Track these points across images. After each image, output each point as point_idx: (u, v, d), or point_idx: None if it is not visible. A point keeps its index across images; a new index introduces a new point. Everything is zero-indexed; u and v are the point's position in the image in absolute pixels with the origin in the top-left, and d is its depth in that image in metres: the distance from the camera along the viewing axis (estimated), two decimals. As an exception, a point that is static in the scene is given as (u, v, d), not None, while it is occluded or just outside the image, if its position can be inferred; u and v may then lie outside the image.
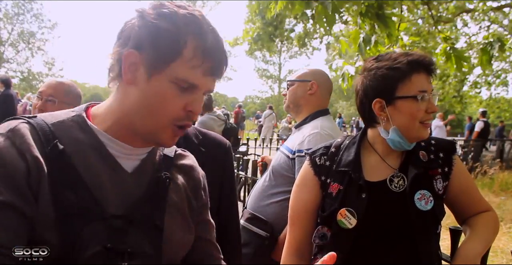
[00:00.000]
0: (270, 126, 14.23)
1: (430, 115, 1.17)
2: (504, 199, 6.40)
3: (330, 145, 1.29)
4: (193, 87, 0.76)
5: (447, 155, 1.24)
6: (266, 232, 1.66)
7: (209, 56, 0.75)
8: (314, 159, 1.27)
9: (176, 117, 0.77)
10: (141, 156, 0.84)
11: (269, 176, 1.78)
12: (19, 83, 24.34)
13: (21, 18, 25.38)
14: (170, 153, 0.91)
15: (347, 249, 1.15)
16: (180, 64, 0.74)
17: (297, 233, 1.28)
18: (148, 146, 0.85)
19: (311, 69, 1.91)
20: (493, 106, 15.64)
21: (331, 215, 1.17)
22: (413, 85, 1.14)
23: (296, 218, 1.29)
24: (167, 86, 0.74)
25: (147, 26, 0.74)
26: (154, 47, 0.74)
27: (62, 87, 1.78)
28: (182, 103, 0.76)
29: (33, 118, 0.75)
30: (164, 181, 0.83)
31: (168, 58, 0.73)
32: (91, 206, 0.71)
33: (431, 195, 1.15)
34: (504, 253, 3.66)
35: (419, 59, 1.15)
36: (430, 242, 1.16)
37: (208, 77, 0.77)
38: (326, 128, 1.71)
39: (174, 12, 0.74)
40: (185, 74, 0.74)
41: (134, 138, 0.81)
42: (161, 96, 0.75)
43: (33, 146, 0.70)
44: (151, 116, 0.77)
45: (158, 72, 0.74)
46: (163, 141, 0.80)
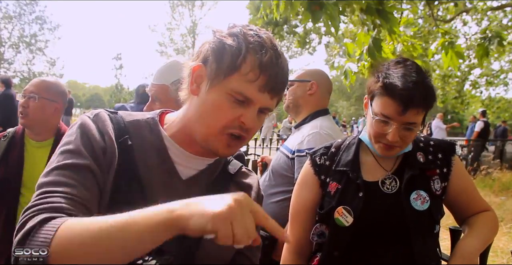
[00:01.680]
0: (270, 126, 14.24)
1: (388, 140, 1.12)
2: (504, 199, 6.40)
3: (331, 145, 1.31)
4: (248, 101, 0.79)
5: (446, 156, 1.24)
6: (266, 232, 1.66)
7: (265, 72, 0.78)
8: (315, 159, 1.29)
9: (227, 124, 0.79)
10: (200, 167, 0.88)
11: (269, 176, 1.79)
12: (19, 83, 24.34)
13: (22, 19, 25.39)
14: (232, 169, 0.95)
15: (343, 246, 1.16)
16: (237, 77, 0.78)
17: (297, 231, 1.30)
18: (208, 157, 0.88)
19: (311, 69, 1.91)
20: (493, 106, 15.65)
21: (329, 213, 1.19)
22: (379, 106, 1.12)
23: (296, 216, 1.30)
24: (223, 97, 0.79)
25: (215, 42, 0.81)
26: (217, 60, 0.80)
27: (44, 84, 1.82)
28: (236, 114, 0.79)
29: (114, 113, 0.86)
30: (215, 192, 0.85)
31: (227, 71, 0.78)
32: (139, 200, 0.74)
33: (428, 195, 1.15)
34: (504, 253, 3.66)
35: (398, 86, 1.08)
36: (426, 241, 1.16)
37: (264, 93, 0.79)
38: (326, 128, 1.72)
39: (242, 31, 0.80)
40: (240, 87, 0.78)
41: (195, 146, 0.85)
42: (216, 105, 0.79)
43: (111, 133, 0.80)
44: (205, 123, 0.81)
45: (217, 83, 0.79)
46: (216, 149, 0.82)
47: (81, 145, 0.75)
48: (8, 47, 25.19)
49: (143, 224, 0.60)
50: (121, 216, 0.62)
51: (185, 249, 0.77)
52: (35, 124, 1.78)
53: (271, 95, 0.81)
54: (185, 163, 0.86)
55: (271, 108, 0.84)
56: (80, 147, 0.75)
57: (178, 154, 0.85)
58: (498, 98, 16.19)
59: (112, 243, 0.60)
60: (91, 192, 0.72)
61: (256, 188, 0.98)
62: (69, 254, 0.60)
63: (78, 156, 0.74)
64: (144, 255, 0.70)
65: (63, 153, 0.75)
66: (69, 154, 0.74)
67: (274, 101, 0.83)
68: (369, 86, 1.19)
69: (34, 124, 1.78)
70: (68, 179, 0.70)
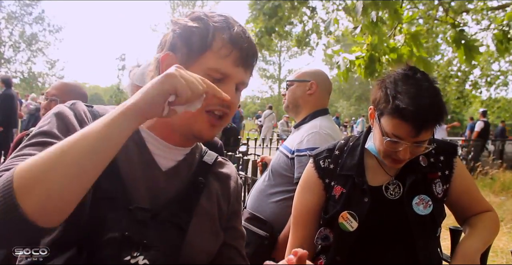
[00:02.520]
0: (270, 126, 14.24)
1: (398, 156, 1.12)
2: (504, 199, 6.40)
3: (334, 148, 1.29)
4: (225, 76, 0.80)
5: (448, 157, 1.23)
6: (266, 232, 1.66)
7: (236, 46, 0.80)
8: (318, 162, 1.27)
9: (206, 103, 0.77)
10: (178, 157, 0.87)
11: (269, 176, 1.79)
12: (19, 83, 24.34)
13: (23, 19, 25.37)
14: (209, 160, 0.94)
15: (347, 251, 1.15)
16: (211, 55, 0.79)
17: (300, 234, 1.28)
18: (187, 146, 0.88)
19: (311, 69, 1.91)
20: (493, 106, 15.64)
21: (333, 217, 1.18)
22: (390, 126, 1.09)
23: (299, 219, 1.29)
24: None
25: (180, 29, 0.81)
26: (186, 44, 0.80)
27: (65, 87, 1.93)
28: None
29: (90, 107, 0.83)
30: (197, 186, 0.86)
31: (199, 51, 0.79)
32: (120, 195, 0.74)
33: (430, 200, 1.15)
34: (504, 253, 3.66)
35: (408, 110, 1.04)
36: (429, 245, 1.16)
37: (239, 67, 0.81)
38: (325, 128, 1.72)
39: (203, 14, 0.82)
40: (216, 64, 0.79)
41: (173, 136, 0.84)
42: None
43: (88, 122, 0.77)
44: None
45: (191, 65, 0.79)
46: (198, 132, 0.81)
47: (56, 128, 0.73)
48: (9, 47, 25.19)
49: (100, 124, 0.61)
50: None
51: (170, 242, 0.76)
52: None
53: (244, 69, 0.82)
54: (164, 154, 0.85)
55: (246, 82, 0.85)
56: (54, 130, 0.72)
57: (157, 145, 0.84)
58: (498, 98, 16.18)
59: (74, 153, 0.58)
60: None
61: (234, 177, 0.99)
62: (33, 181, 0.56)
63: (52, 137, 0.71)
64: (131, 251, 0.69)
65: (35, 135, 0.72)
66: (42, 135, 0.71)
67: (247, 75, 0.84)
68: (377, 100, 1.14)
69: None
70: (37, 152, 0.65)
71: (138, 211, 0.74)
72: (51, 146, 0.59)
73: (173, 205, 0.80)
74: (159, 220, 0.76)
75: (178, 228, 0.79)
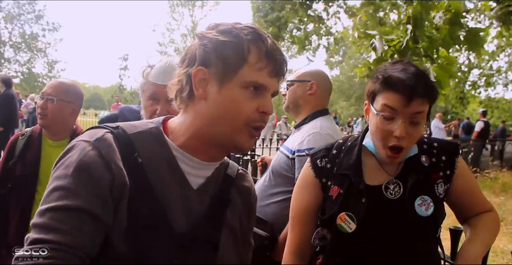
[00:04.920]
0: (270, 126, 14.22)
1: (395, 139, 1.10)
2: (504, 199, 6.40)
3: (332, 147, 1.28)
4: (262, 88, 0.81)
5: (450, 157, 1.23)
6: (266, 232, 1.66)
7: (271, 58, 0.81)
8: (315, 161, 1.27)
9: (251, 118, 0.80)
10: (207, 173, 0.87)
11: (269, 176, 1.78)
12: (20, 83, 24.32)
13: (22, 19, 25.36)
14: (232, 173, 0.94)
15: (346, 253, 1.15)
16: (247, 69, 0.79)
17: (298, 233, 1.28)
18: (218, 160, 0.88)
19: (311, 69, 1.91)
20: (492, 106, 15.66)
21: (331, 218, 1.17)
22: (382, 101, 1.11)
23: (297, 219, 1.29)
24: (239, 91, 0.79)
25: (211, 43, 0.80)
26: (221, 59, 0.79)
27: (62, 86, 1.89)
28: (255, 105, 0.80)
29: (116, 128, 0.80)
30: (224, 201, 0.87)
31: (236, 66, 0.79)
32: (161, 220, 0.75)
33: (432, 201, 1.14)
34: (504, 253, 3.66)
35: (399, 77, 1.09)
36: (430, 246, 1.16)
37: (273, 78, 0.82)
38: (326, 128, 1.71)
39: (231, 27, 0.82)
40: (253, 77, 0.80)
41: (209, 150, 0.84)
42: (235, 101, 0.79)
43: (118, 157, 0.74)
44: (228, 122, 0.80)
45: (228, 81, 0.79)
46: (241, 144, 0.82)
47: (78, 183, 0.70)
48: (10, 47, 25.18)
49: None
50: None
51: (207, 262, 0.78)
52: (53, 124, 1.86)
53: (278, 79, 0.84)
54: (195, 171, 0.84)
55: (278, 91, 0.87)
56: (77, 186, 0.69)
57: (188, 162, 0.83)
58: (497, 98, 16.21)
59: None
60: (84, 237, 0.67)
61: (253, 191, 1.00)
62: None
63: (74, 196, 0.68)
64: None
65: (57, 189, 0.70)
66: (64, 193, 0.69)
67: (279, 84, 0.87)
68: (369, 89, 1.18)
69: (52, 125, 1.86)
70: (60, 224, 0.66)
71: (180, 236, 0.75)
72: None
73: (205, 224, 0.81)
74: (197, 243, 0.78)
75: (212, 246, 0.81)
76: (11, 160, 1.83)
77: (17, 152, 1.84)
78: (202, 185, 0.85)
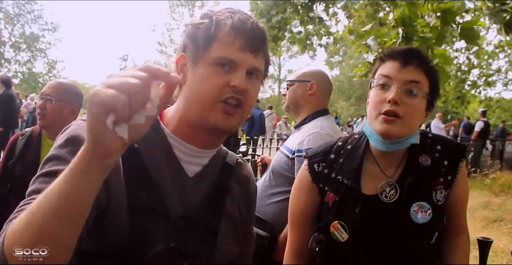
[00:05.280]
0: (270, 126, 14.22)
1: (388, 104, 1.07)
2: (504, 199, 6.39)
3: (330, 150, 1.24)
4: (232, 63, 0.79)
5: (453, 161, 1.17)
6: (266, 232, 1.66)
7: (240, 32, 0.80)
8: (313, 165, 1.24)
9: (221, 93, 0.78)
10: (204, 161, 0.87)
11: (269, 176, 1.79)
12: (20, 83, 24.33)
13: (22, 19, 25.36)
14: (232, 161, 0.94)
15: (339, 261, 1.15)
16: (216, 46, 0.80)
17: (297, 235, 1.28)
18: (213, 146, 0.88)
19: (311, 69, 1.92)
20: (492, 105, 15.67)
21: (326, 226, 1.16)
22: (380, 70, 1.13)
23: (295, 221, 1.29)
24: (208, 69, 0.79)
25: (188, 29, 0.84)
26: (194, 41, 0.82)
27: (61, 86, 1.89)
28: (225, 80, 0.79)
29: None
30: (224, 190, 0.88)
31: (205, 44, 0.80)
32: (158, 205, 0.75)
33: (430, 208, 1.10)
34: (504, 253, 3.66)
35: (396, 49, 1.15)
36: (423, 253, 1.13)
37: (246, 53, 0.80)
38: (326, 128, 1.72)
39: (211, 11, 0.83)
40: (221, 53, 0.79)
41: (198, 136, 0.84)
42: (204, 79, 0.79)
43: None
44: (200, 101, 0.80)
45: (200, 60, 0.80)
46: (215, 122, 0.80)
47: (70, 151, 0.71)
48: (10, 47, 25.18)
49: (61, 183, 0.56)
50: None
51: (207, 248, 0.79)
52: (52, 125, 1.85)
53: (253, 54, 0.81)
54: (191, 159, 0.85)
55: (259, 68, 0.84)
56: (68, 154, 0.71)
57: (184, 150, 0.84)
58: (497, 98, 16.22)
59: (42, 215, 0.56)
60: None
61: (253, 180, 1.01)
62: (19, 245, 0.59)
63: (65, 162, 0.69)
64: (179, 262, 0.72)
65: (50, 159, 0.73)
66: (56, 161, 0.72)
67: (260, 60, 0.83)
68: (371, 75, 1.20)
69: (51, 125, 1.86)
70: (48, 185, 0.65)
71: (177, 220, 0.75)
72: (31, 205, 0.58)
73: (203, 211, 0.82)
74: (196, 227, 0.78)
75: (211, 233, 0.81)
76: (11, 160, 1.83)
77: (17, 152, 1.84)
78: (199, 173, 0.86)
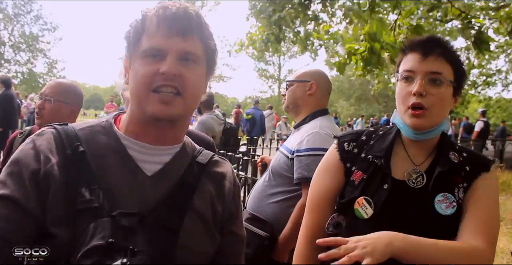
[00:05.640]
0: (270, 126, 14.22)
1: (414, 97, 1.06)
2: (504, 199, 6.39)
3: (362, 133, 1.24)
4: (160, 51, 0.79)
5: (475, 170, 1.12)
6: (266, 232, 1.66)
7: (163, 18, 0.79)
8: (342, 144, 1.22)
9: (150, 82, 0.78)
10: (165, 159, 0.86)
11: (269, 176, 1.79)
12: (20, 83, 24.34)
13: (21, 19, 25.37)
14: (203, 160, 0.92)
15: None
16: (145, 39, 0.80)
17: (314, 220, 1.21)
18: (169, 142, 0.87)
19: (311, 70, 1.92)
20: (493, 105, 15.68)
21: (349, 203, 1.12)
22: (403, 64, 1.13)
23: (315, 204, 1.22)
24: (140, 63, 0.80)
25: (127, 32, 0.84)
26: (127, 40, 0.83)
27: (60, 87, 1.89)
28: (154, 69, 0.78)
29: (63, 125, 0.84)
30: (188, 187, 0.85)
31: (135, 40, 0.81)
32: (102, 204, 0.74)
33: (455, 201, 1.07)
34: (504, 253, 3.66)
35: (416, 39, 1.13)
36: None
37: (173, 38, 0.79)
38: (325, 128, 1.72)
39: (145, 8, 0.83)
40: (148, 43, 0.79)
41: (147, 132, 0.83)
42: (137, 72, 0.80)
43: (50, 149, 0.77)
44: (136, 94, 0.81)
45: (133, 56, 0.82)
46: (152, 112, 0.79)
47: (8, 174, 0.74)
48: (10, 47, 25.19)
49: None
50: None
51: (160, 246, 0.75)
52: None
53: (182, 37, 0.80)
54: (147, 158, 0.84)
55: (193, 51, 0.81)
56: (6, 177, 0.74)
57: (138, 149, 0.83)
58: (497, 98, 16.23)
59: None
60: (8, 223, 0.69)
61: (230, 177, 0.96)
62: None
63: (2, 186, 0.72)
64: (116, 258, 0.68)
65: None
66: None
67: (192, 43, 0.81)
68: (396, 67, 1.19)
69: None
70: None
71: (122, 216, 0.73)
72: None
73: (161, 208, 0.79)
74: (148, 224, 0.75)
75: (168, 231, 0.78)
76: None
77: (14, 150, 1.85)
78: (159, 171, 0.84)
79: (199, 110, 4.12)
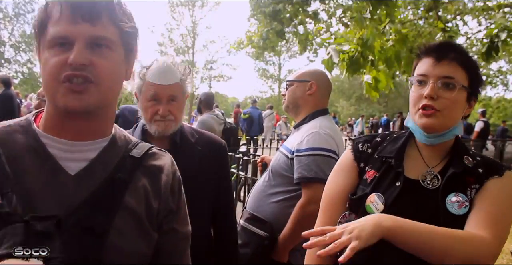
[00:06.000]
0: (270, 126, 14.22)
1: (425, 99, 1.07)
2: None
3: (376, 135, 1.27)
4: (66, 40, 0.73)
5: (487, 172, 1.12)
6: (266, 232, 1.67)
7: (66, 3, 0.73)
8: (357, 145, 1.24)
9: (58, 73, 0.72)
10: (90, 155, 0.79)
11: (269, 176, 1.79)
12: (20, 83, 24.35)
13: (21, 19, 25.40)
14: (138, 153, 0.85)
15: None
16: (50, 28, 0.74)
17: (327, 219, 1.21)
18: (92, 136, 0.80)
19: (310, 69, 1.92)
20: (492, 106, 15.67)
21: (361, 199, 1.13)
22: (417, 69, 1.15)
23: (328, 204, 1.23)
24: (47, 54, 0.74)
25: None
26: (34, 31, 0.78)
27: None
28: (62, 59, 0.72)
29: None
30: (117, 183, 0.79)
31: (40, 30, 0.76)
32: (15, 209, 0.68)
33: (467, 200, 1.06)
34: (504, 253, 3.65)
35: (430, 44, 1.15)
36: None
37: (78, 24, 0.73)
38: (325, 128, 1.72)
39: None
40: (52, 32, 0.73)
41: (65, 127, 0.78)
42: (44, 64, 0.75)
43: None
44: (46, 87, 0.76)
45: (40, 47, 0.77)
46: (66, 104, 0.73)
47: None
48: (10, 47, 25.21)
49: None
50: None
51: (83, 249, 0.70)
52: None
53: (90, 22, 0.73)
54: (71, 155, 0.77)
55: (105, 36, 0.75)
56: None
57: (61, 147, 0.77)
58: (498, 98, 16.23)
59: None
60: None
61: (168, 169, 0.88)
62: None
63: None
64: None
65: None
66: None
67: (102, 28, 0.75)
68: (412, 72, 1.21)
69: None
70: None
71: (37, 221, 0.68)
72: None
73: (85, 209, 0.73)
74: (67, 227, 0.70)
75: (92, 232, 0.72)
76: None
77: None
78: (84, 169, 0.77)
79: (199, 110, 4.13)
